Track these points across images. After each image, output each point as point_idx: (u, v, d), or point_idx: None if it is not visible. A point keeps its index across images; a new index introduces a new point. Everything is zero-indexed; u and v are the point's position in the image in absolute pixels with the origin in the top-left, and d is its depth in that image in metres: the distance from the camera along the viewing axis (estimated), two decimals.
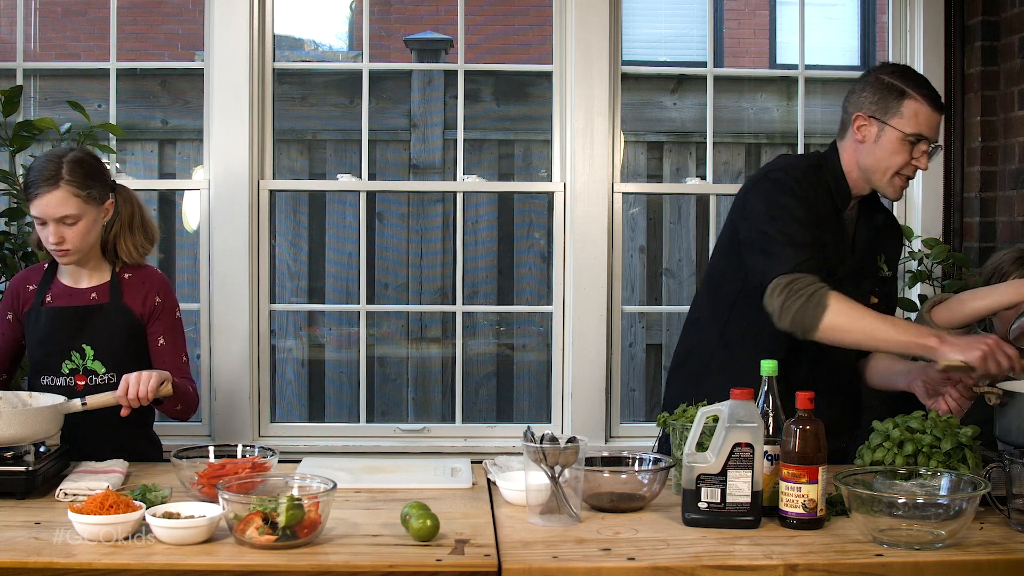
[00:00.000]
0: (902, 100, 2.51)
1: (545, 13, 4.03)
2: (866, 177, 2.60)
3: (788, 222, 2.47)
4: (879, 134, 2.54)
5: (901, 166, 2.54)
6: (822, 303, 2.34)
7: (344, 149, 5.08)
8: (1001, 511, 2.06)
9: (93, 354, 2.64)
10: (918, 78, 2.57)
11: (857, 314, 2.36)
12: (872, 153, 2.56)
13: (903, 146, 2.52)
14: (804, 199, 2.52)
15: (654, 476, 2.20)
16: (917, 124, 2.51)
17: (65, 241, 2.59)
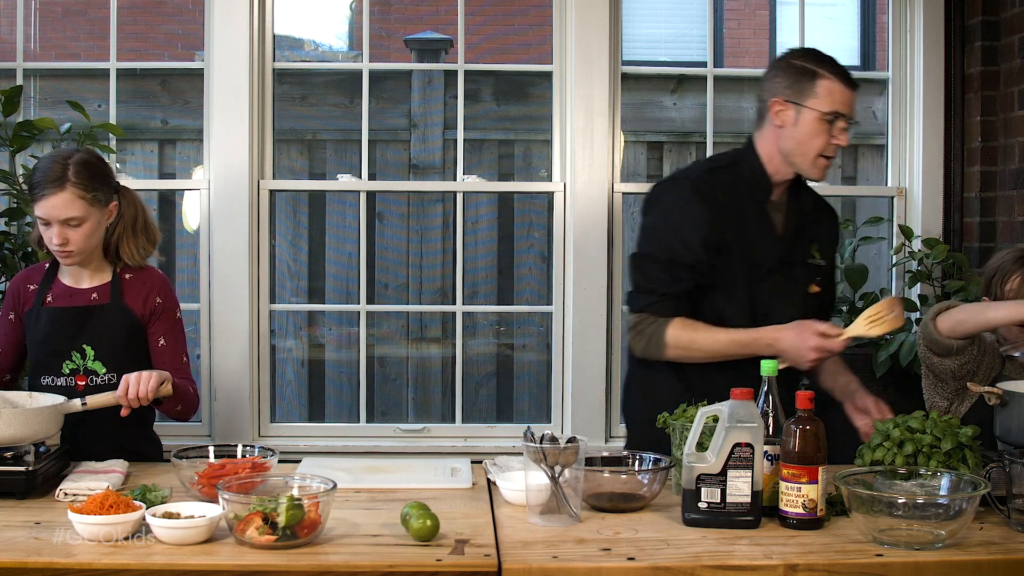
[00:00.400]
0: (815, 80, 2.56)
1: (545, 13, 4.03)
2: (789, 161, 2.63)
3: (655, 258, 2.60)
4: (797, 117, 2.58)
5: (822, 146, 2.58)
6: (662, 341, 2.57)
7: (344, 149, 5.08)
8: (1001, 511, 2.06)
9: (94, 354, 2.64)
10: (828, 58, 2.61)
11: (691, 342, 2.56)
12: (792, 136, 2.59)
13: (822, 126, 2.57)
14: (690, 215, 2.59)
15: (654, 476, 2.20)
16: (833, 102, 2.56)
17: (69, 243, 2.58)
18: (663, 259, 2.60)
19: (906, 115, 4.00)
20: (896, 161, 4.04)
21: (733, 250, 2.60)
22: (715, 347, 2.56)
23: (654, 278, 2.60)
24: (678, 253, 2.59)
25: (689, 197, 2.61)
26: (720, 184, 2.63)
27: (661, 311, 2.59)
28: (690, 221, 2.59)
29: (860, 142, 5.07)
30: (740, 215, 2.63)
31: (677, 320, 2.58)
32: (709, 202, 2.60)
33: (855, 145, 5.08)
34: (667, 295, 2.58)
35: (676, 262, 2.58)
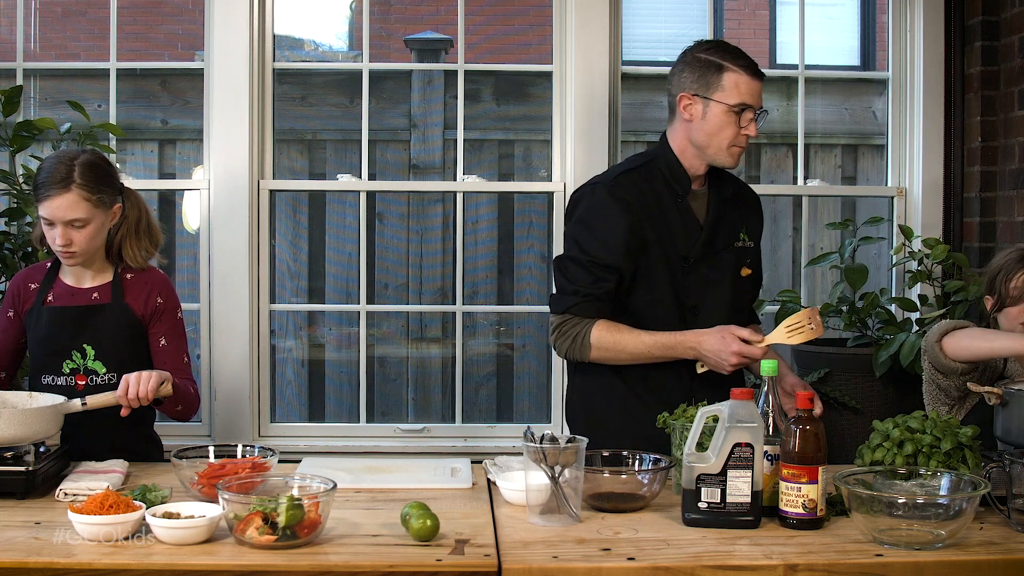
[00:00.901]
0: (721, 74, 2.59)
1: (545, 13, 4.03)
2: (701, 154, 2.67)
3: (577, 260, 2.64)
4: (704, 110, 2.61)
5: (732, 137, 2.62)
6: (585, 343, 2.60)
7: (344, 149, 5.08)
8: (1001, 511, 2.06)
9: (94, 354, 2.64)
10: (733, 50, 2.64)
11: (615, 344, 2.59)
12: (702, 129, 2.63)
13: (730, 118, 2.60)
14: (608, 216, 2.63)
15: (654, 476, 2.20)
16: (739, 94, 2.59)
17: (72, 244, 2.58)
18: (584, 261, 2.63)
19: (906, 115, 4.00)
20: (896, 161, 4.04)
21: (654, 247, 2.65)
22: (639, 349, 2.60)
23: (576, 279, 2.63)
24: (598, 255, 2.62)
25: (605, 200, 2.65)
26: (636, 184, 2.68)
27: (584, 312, 2.62)
28: (607, 224, 2.64)
29: (860, 142, 5.07)
30: (660, 211, 2.67)
31: (601, 322, 2.61)
32: (625, 204, 2.64)
33: (855, 145, 5.08)
34: (590, 296, 2.61)
35: (597, 263, 2.62)
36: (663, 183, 2.69)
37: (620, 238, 2.62)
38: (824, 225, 4.71)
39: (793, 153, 4.57)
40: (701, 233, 2.70)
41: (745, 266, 2.78)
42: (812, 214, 4.39)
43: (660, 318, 2.66)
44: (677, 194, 2.69)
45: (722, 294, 2.72)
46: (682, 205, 2.69)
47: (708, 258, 2.71)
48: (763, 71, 2.65)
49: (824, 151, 5.06)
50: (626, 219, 2.63)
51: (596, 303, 2.62)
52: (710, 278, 2.71)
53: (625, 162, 2.83)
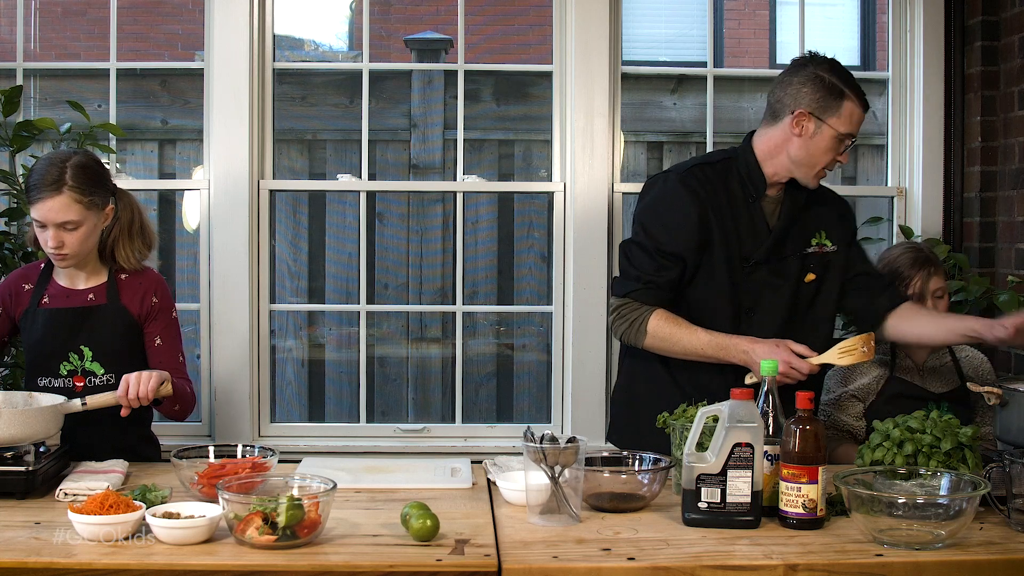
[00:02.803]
0: (842, 101, 2.61)
1: (545, 13, 4.03)
2: (792, 168, 2.68)
3: (643, 246, 2.66)
4: (816, 131, 2.62)
5: (829, 162, 2.66)
6: (642, 329, 2.63)
7: (344, 149, 5.08)
8: (1001, 511, 2.06)
9: (91, 355, 2.64)
10: (852, 77, 2.67)
11: (671, 336, 2.61)
12: (805, 147, 2.64)
13: (835, 144, 2.64)
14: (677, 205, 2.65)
15: (654, 476, 2.20)
16: (851, 125, 2.63)
17: (65, 246, 2.57)
18: (650, 247, 2.66)
19: (906, 115, 4.00)
20: (896, 161, 4.04)
21: (719, 244, 2.65)
22: (694, 345, 2.61)
23: (640, 265, 2.66)
24: (664, 242, 2.65)
25: (677, 189, 2.67)
26: (710, 179, 2.69)
27: (645, 298, 2.65)
28: (676, 212, 2.66)
29: (860, 142, 5.06)
30: (730, 210, 2.68)
31: (660, 311, 2.64)
32: (696, 195, 2.65)
33: (855, 145, 5.08)
34: (652, 283, 2.64)
35: (662, 251, 2.64)
36: (738, 182, 2.71)
37: (687, 228, 2.64)
38: None
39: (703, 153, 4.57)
40: (769, 237, 2.70)
41: (810, 272, 2.76)
42: None
43: (715, 316, 2.67)
44: (750, 195, 2.70)
45: (780, 299, 2.72)
46: (754, 207, 2.70)
47: (772, 262, 2.71)
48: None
49: None
50: (695, 210, 2.64)
51: (657, 291, 2.64)
52: (770, 282, 2.71)
53: (705, 155, 2.87)
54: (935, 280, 2.95)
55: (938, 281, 2.95)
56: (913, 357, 2.95)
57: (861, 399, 2.89)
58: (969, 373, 2.93)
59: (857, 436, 2.88)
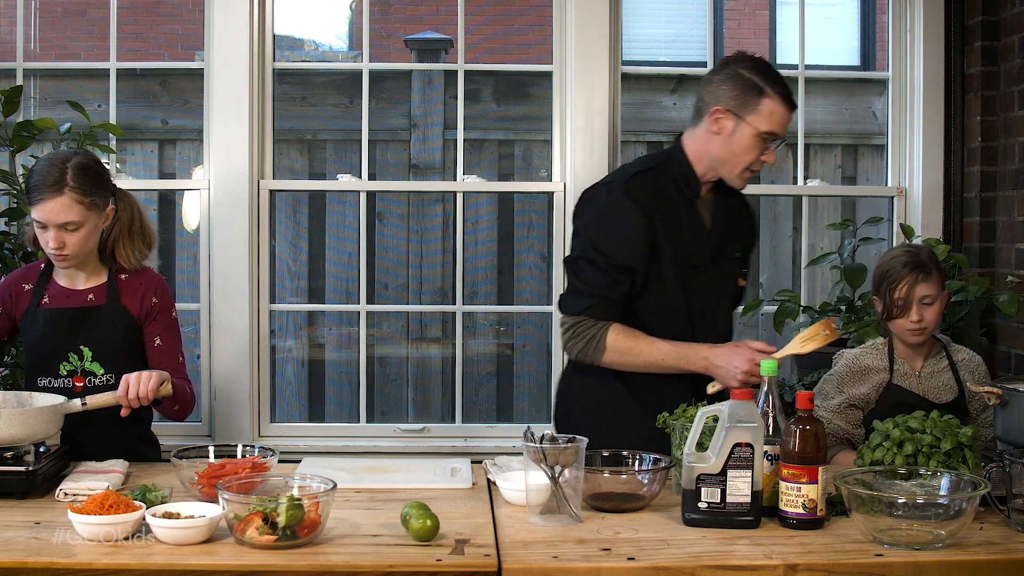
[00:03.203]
0: (761, 98, 2.56)
1: (545, 13, 4.03)
2: (716, 168, 2.65)
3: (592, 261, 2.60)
4: (735, 129, 2.58)
5: (751, 161, 2.61)
6: (601, 345, 2.58)
7: (344, 149, 5.08)
8: (1001, 511, 2.06)
9: (91, 355, 2.64)
10: (775, 75, 2.61)
11: (631, 349, 2.58)
12: (726, 146, 2.61)
13: (756, 142, 2.59)
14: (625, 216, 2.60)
15: (654, 476, 2.20)
16: (771, 122, 2.57)
17: (65, 247, 2.57)
18: (600, 262, 2.60)
19: (906, 115, 4.00)
20: (896, 161, 4.04)
21: (666, 251, 2.62)
22: (654, 356, 2.58)
23: (591, 281, 2.60)
24: (615, 256, 2.60)
25: (622, 200, 2.62)
26: (650, 186, 2.65)
27: (600, 314, 2.59)
28: (624, 224, 2.61)
29: (860, 142, 5.07)
30: (672, 215, 2.65)
31: (617, 325, 2.59)
32: (642, 204, 2.62)
33: (855, 145, 5.08)
34: (606, 298, 2.59)
35: (613, 265, 2.59)
36: (674, 186, 2.67)
37: (637, 240, 2.60)
38: (824, 225, 4.72)
39: (793, 153, 4.56)
40: (709, 239, 2.69)
41: (741, 277, 2.79)
42: (812, 214, 4.39)
43: (670, 323, 2.64)
44: (687, 198, 2.67)
45: (724, 303, 2.74)
46: (691, 209, 2.68)
47: (715, 265, 2.70)
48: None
49: (824, 151, 5.06)
50: (643, 219, 2.60)
51: (611, 306, 2.60)
52: (716, 284, 2.71)
53: (637, 162, 2.79)
54: (924, 287, 2.83)
55: (927, 288, 2.83)
56: (910, 363, 2.91)
57: (860, 407, 2.87)
58: (965, 376, 2.91)
59: (855, 443, 2.87)
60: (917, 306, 2.83)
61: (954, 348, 2.99)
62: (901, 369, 2.90)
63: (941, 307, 2.87)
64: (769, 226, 5.23)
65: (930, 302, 2.83)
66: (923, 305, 2.83)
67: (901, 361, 2.91)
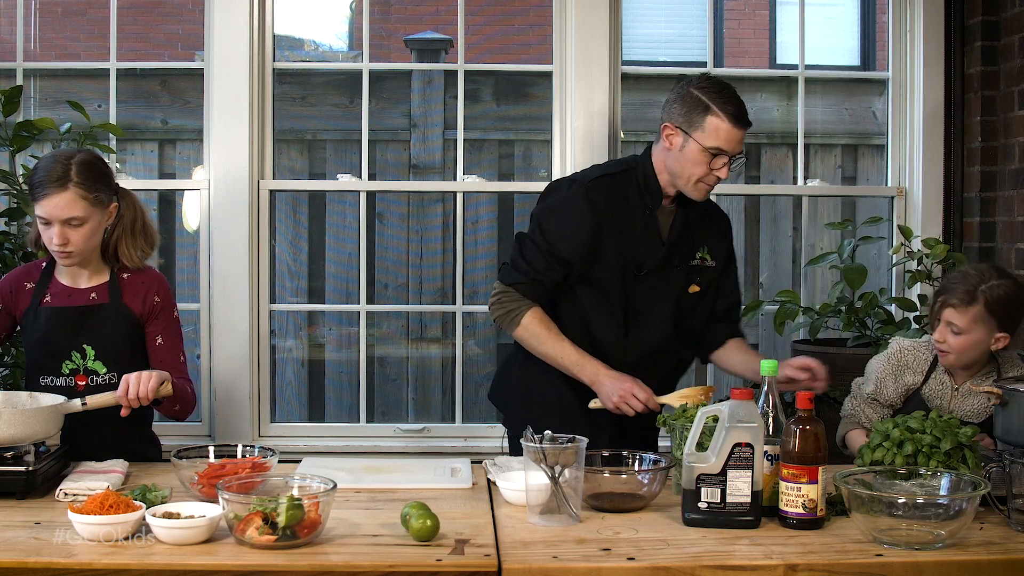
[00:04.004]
0: (705, 116, 2.68)
1: (545, 13, 4.03)
2: (672, 181, 2.78)
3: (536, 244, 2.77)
4: (683, 144, 2.72)
5: (702, 175, 2.72)
6: (517, 320, 2.75)
7: (344, 149, 5.08)
8: (1001, 511, 2.06)
9: (94, 354, 2.64)
10: (726, 94, 2.70)
11: (539, 335, 2.75)
12: (677, 160, 2.74)
13: (703, 157, 2.69)
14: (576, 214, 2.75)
15: (654, 476, 2.20)
16: (716, 139, 2.68)
17: (69, 243, 2.57)
18: (543, 247, 2.76)
19: (906, 115, 4.00)
20: (896, 161, 4.04)
21: (612, 253, 2.76)
22: (555, 353, 2.73)
23: (531, 260, 2.77)
24: (556, 246, 2.75)
25: (578, 198, 2.77)
26: (611, 191, 2.80)
27: (527, 292, 2.77)
28: (573, 221, 2.76)
29: (860, 142, 5.06)
30: (627, 219, 2.79)
31: (538, 309, 2.77)
32: (596, 208, 2.76)
33: (855, 145, 5.08)
34: (537, 280, 2.76)
35: (552, 253, 2.75)
36: (636, 192, 2.81)
37: (580, 238, 2.74)
38: (824, 225, 4.71)
39: (793, 153, 4.57)
40: (662, 247, 2.81)
41: (695, 283, 2.87)
42: (812, 214, 4.39)
43: (605, 319, 2.79)
44: (647, 206, 2.80)
45: (665, 307, 2.83)
46: (649, 217, 2.80)
47: (662, 271, 2.82)
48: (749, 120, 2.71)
49: (824, 151, 5.06)
50: (592, 222, 2.75)
51: (540, 288, 2.77)
52: (659, 290, 2.82)
53: (607, 164, 2.99)
54: (952, 312, 2.62)
55: (955, 316, 2.62)
56: (952, 375, 2.71)
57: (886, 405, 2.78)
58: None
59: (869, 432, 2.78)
60: (943, 327, 2.65)
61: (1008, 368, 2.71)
62: (938, 380, 2.71)
63: (973, 344, 2.63)
64: (769, 226, 5.23)
65: (957, 332, 2.63)
66: (950, 332, 2.64)
67: (942, 370, 2.72)
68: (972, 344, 2.62)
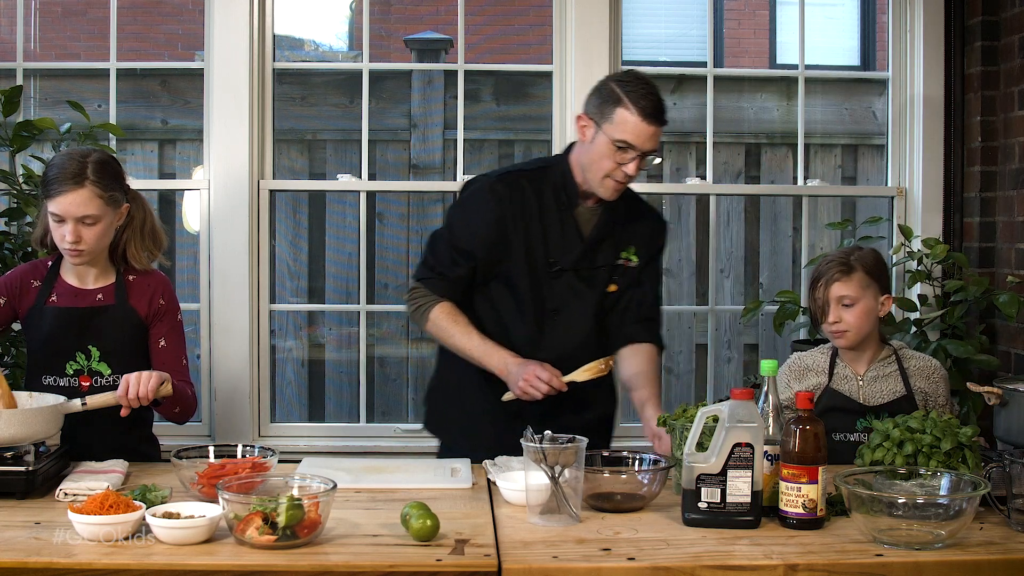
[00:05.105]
0: (616, 108, 2.63)
1: (545, 13, 4.04)
2: (583, 176, 2.73)
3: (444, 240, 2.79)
4: (594, 136, 2.66)
5: (610, 170, 2.66)
6: (426, 315, 2.78)
7: (344, 149, 5.08)
8: (1001, 511, 2.06)
9: (99, 355, 2.64)
10: (643, 90, 2.63)
11: (447, 328, 2.76)
12: (587, 152, 2.69)
13: (610, 151, 2.63)
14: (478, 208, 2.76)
15: (654, 476, 2.20)
16: (624, 132, 2.61)
17: (82, 241, 2.58)
18: (448, 241, 2.79)
19: (906, 115, 4.01)
20: (896, 161, 4.04)
21: (520, 250, 2.74)
22: (463, 344, 2.74)
23: (439, 256, 2.80)
24: (460, 241, 2.77)
25: (483, 194, 2.77)
26: (520, 187, 2.77)
27: (434, 288, 2.79)
28: (476, 216, 2.76)
29: (860, 142, 5.07)
30: (539, 217, 2.75)
31: (446, 304, 2.78)
32: (500, 202, 2.74)
33: (855, 145, 5.08)
34: (443, 275, 2.78)
35: (457, 248, 2.77)
36: (552, 190, 2.77)
37: (483, 232, 2.74)
38: (824, 225, 4.72)
39: (793, 153, 4.57)
40: (580, 245, 2.77)
41: (613, 283, 2.82)
42: (812, 214, 4.39)
43: (518, 315, 2.78)
44: (563, 204, 2.77)
45: (585, 305, 2.80)
46: (566, 216, 2.76)
47: (581, 270, 2.78)
48: (665, 118, 2.63)
49: (824, 151, 5.06)
50: (494, 215, 2.73)
51: (446, 283, 2.78)
52: (577, 288, 2.79)
53: (527, 162, 2.97)
54: (840, 286, 2.71)
55: (845, 288, 2.71)
56: (853, 367, 2.80)
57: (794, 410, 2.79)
58: (918, 383, 2.77)
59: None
60: (835, 307, 2.72)
61: (907, 354, 2.84)
62: (842, 373, 2.79)
63: (866, 312, 2.73)
64: (769, 226, 5.23)
65: (849, 303, 2.72)
66: (842, 307, 2.72)
67: (843, 364, 2.80)
68: (865, 314, 2.73)
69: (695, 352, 5.31)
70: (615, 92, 2.63)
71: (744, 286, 5.23)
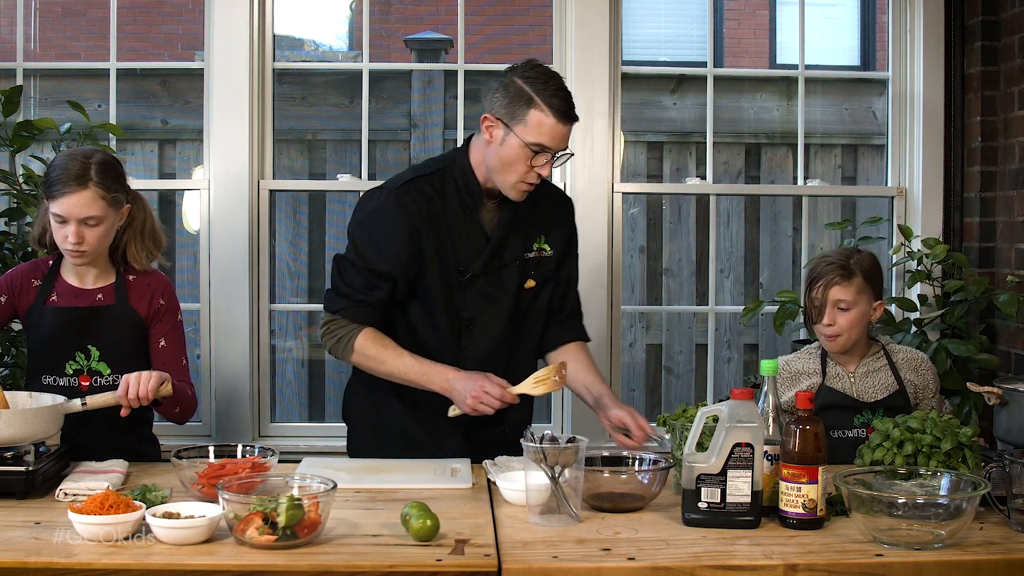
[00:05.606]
0: (528, 109, 2.47)
1: (545, 13, 4.03)
2: (490, 176, 2.58)
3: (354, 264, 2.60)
4: (504, 138, 2.50)
5: (522, 174, 2.52)
6: (349, 347, 2.60)
7: (344, 149, 5.08)
8: (1001, 511, 2.06)
9: (99, 355, 2.64)
10: (552, 86, 2.51)
11: (376, 356, 2.59)
12: (497, 155, 2.52)
13: (524, 154, 2.49)
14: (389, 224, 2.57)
15: (654, 476, 2.20)
16: (539, 135, 2.48)
17: (84, 242, 2.58)
18: (360, 265, 2.59)
19: (906, 115, 4.00)
20: (896, 161, 4.04)
21: (433, 260, 2.59)
22: (399, 368, 2.58)
23: (351, 282, 2.60)
24: (373, 262, 2.58)
25: (389, 207, 2.58)
26: (425, 193, 2.60)
27: (354, 316, 2.60)
28: (386, 232, 2.58)
29: (860, 142, 5.07)
30: (446, 222, 2.60)
31: (369, 330, 2.60)
32: (409, 213, 2.57)
33: (855, 145, 5.08)
34: (362, 301, 2.59)
35: (371, 270, 2.58)
36: (455, 192, 2.62)
37: (397, 248, 2.57)
38: (824, 225, 4.71)
39: (793, 153, 4.57)
40: (487, 245, 2.63)
41: (530, 278, 2.70)
42: (812, 214, 4.39)
43: (435, 331, 2.64)
44: (467, 206, 2.62)
45: (499, 310, 2.66)
46: (470, 218, 2.63)
47: (490, 272, 2.65)
48: (576, 114, 2.54)
49: (824, 151, 5.06)
50: (406, 228, 2.57)
51: (367, 309, 2.60)
52: (489, 293, 2.65)
53: (421, 166, 2.73)
54: (839, 290, 2.73)
55: (843, 292, 2.73)
56: (843, 365, 2.82)
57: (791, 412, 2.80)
58: (907, 375, 2.80)
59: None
60: (831, 310, 2.74)
61: (894, 348, 2.87)
62: (833, 371, 2.81)
63: (860, 317, 2.75)
64: (769, 226, 5.23)
65: (845, 308, 2.73)
66: (838, 310, 2.74)
67: (833, 364, 2.82)
68: (859, 318, 2.75)
69: (695, 352, 5.31)
70: (524, 91, 2.49)
71: (744, 286, 5.23)
